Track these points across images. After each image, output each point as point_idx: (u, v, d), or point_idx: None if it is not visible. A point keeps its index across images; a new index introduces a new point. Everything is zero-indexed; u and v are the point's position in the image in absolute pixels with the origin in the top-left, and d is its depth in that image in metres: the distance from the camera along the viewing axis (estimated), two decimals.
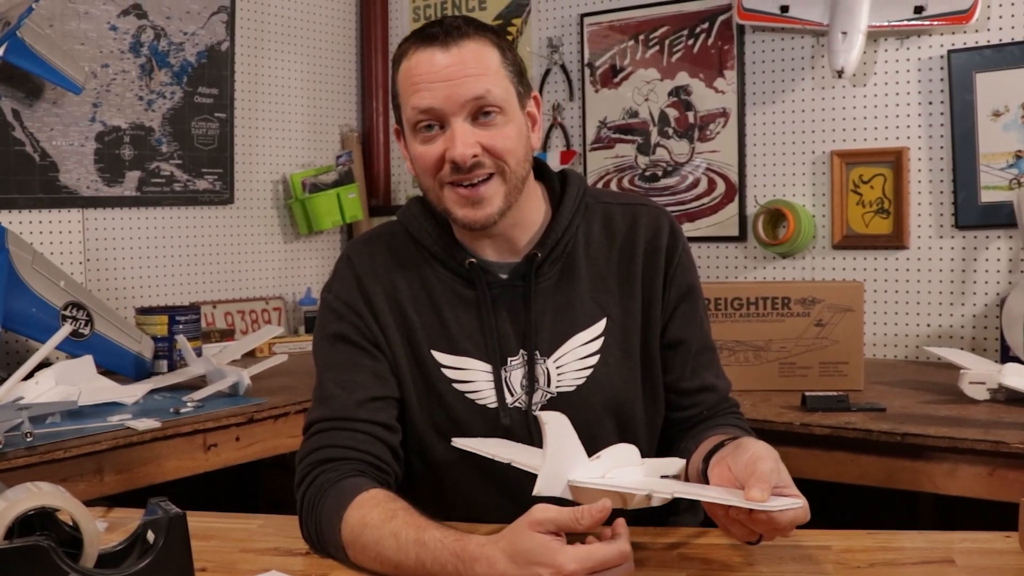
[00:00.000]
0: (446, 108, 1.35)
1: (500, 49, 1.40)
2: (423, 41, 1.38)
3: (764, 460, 1.16)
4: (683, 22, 3.20)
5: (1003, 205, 2.69)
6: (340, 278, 1.50)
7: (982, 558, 1.23)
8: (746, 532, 1.17)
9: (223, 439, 2.27)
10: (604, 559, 1.08)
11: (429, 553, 1.16)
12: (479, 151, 1.36)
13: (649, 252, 1.50)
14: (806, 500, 1.14)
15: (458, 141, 1.35)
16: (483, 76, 1.36)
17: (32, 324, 2.43)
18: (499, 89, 1.37)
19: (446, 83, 1.35)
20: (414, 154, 1.41)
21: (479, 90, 1.35)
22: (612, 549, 1.09)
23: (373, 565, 1.22)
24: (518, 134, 1.41)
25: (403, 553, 1.18)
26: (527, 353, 1.45)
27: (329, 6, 3.74)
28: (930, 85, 2.82)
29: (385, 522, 1.21)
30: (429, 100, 1.35)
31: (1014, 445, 1.88)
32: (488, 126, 1.37)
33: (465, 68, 1.35)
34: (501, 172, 1.39)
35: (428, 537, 1.17)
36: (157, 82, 3.08)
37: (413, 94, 1.37)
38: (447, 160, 1.36)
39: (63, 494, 1.06)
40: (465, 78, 1.35)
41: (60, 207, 2.86)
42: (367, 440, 1.38)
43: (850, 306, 2.38)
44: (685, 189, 3.24)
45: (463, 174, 1.37)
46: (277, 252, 3.56)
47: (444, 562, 1.14)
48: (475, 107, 1.36)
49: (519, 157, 1.41)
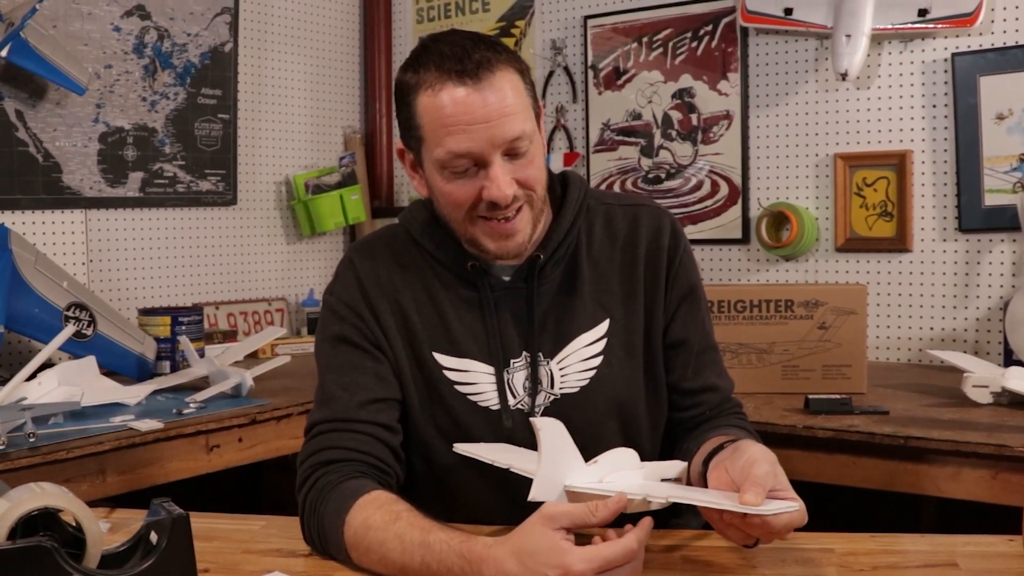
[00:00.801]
0: (485, 151, 1.33)
1: (521, 74, 1.38)
2: (449, 77, 1.32)
3: (760, 463, 1.16)
4: (687, 24, 3.20)
5: (1007, 208, 2.69)
6: (342, 280, 1.50)
7: (985, 562, 1.23)
8: (742, 536, 1.17)
9: (226, 440, 2.27)
10: (611, 558, 1.07)
11: (434, 555, 1.15)
12: (517, 189, 1.36)
13: (651, 252, 1.50)
14: (803, 503, 1.15)
15: (500, 183, 1.33)
16: (517, 115, 1.33)
17: (35, 325, 2.43)
18: (529, 124, 1.36)
19: (484, 125, 1.31)
20: (440, 189, 1.39)
21: (516, 131, 1.33)
22: (618, 547, 1.08)
23: (377, 567, 1.22)
24: (540, 157, 1.40)
25: (408, 556, 1.18)
26: (530, 355, 1.45)
27: (332, 7, 3.74)
28: (934, 88, 2.82)
29: (389, 524, 1.21)
30: (468, 145, 1.32)
31: (1017, 449, 1.88)
32: (518, 158, 1.36)
33: (502, 109, 1.32)
34: (530, 201, 1.39)
35: (433, 539, 1.17)
36: (160, 83, 3.08)
37: (447, 136, 1.32)
38: (484, 199, 1.35)
39: (66, 495, 1.06)
40: (502, 119, 1.32)
41: (63, 208, 2.86)
42: (368, 441, 1.38)
43: (853, 309, 2.38)
44: (688, 191, 3.24)
45: (500, 210, 1.36)
46: (280, 253, 3.56)
47: (450, 564, 1.14)
48: (511, 147, 1.34)
49: (543, 181, 1.41)
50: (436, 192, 1.41)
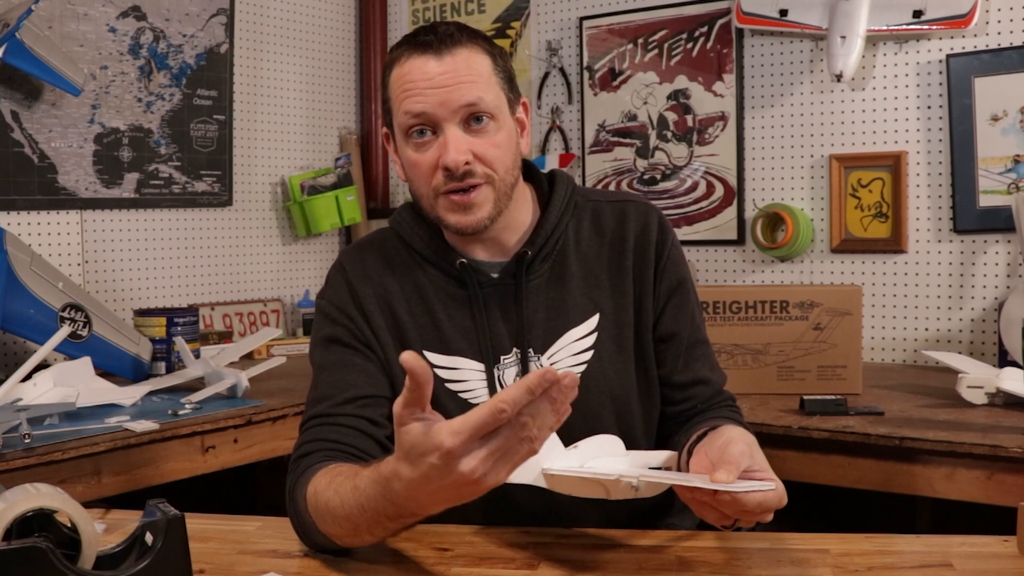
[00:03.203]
0: (439, 114, 1.37)
1: (492, 56, 1.42)
2: (416, 48, 1.39)
3: (736, 443, 1.18)
4: (682, 25, 3.20)
5: (1001, 209, 2.70)
6: (332, 284, 1.52)
7: (980, 562, 1.23)
8: (718, 515, 1.18)
9: (221, 441, 2.27)
10: (479, 422, 0.97)
11: (362, 493, 1.14)
12: (471, 158, 1.38)
13: (639, 247, 1.51)
14: (781, 483, 1.15)
15: (451, 147, 1.36)
16: (476, 83, 1.38)
17: (30, 325, 2.43)
18: (491, 96, 1.39)
19: (439, 89, 1.36)
20: (407, 160, 1.43)
21: (472, 97, 1.37)
22: (484, 408, 0.97)
23: (334, 529, 1.21)
24: (508, 141, 1.43)
25: (347, 506, 1.17)
26: (520, 351, 1.46)
27: (328, 9, 3.74)
28: (929, 89, 2.83)
29: (329, 484, 1.21)
30: (422, 105, 1.37)
31: (1012, 449, 1.88)
32: (480, 133, 1.39)
33: (458, 75, 1.37)
34: (490, 181, 1.41)
35: (359, 480, 1.16)
36: (156, 84, 3.08)
37: (406, 99, 1.38)
38: (440, 166, 1.38)
39: (61, 495, 1.06)
40: (458, 84, 1.36)
41: (59, 209, 2.86)
42: (351, 433, 1.38)
43: (848, 310, 2.39)
44: (684, 192, 3.24)
45: (455, 181, 1.38)
46: (275, 254, 3.56)
47: (373, 495, 1.12)
48: (467, 113, 1.38)
49: (508, 164, 1.42)
50: (406, 167, 1.44)
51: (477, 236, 1.46)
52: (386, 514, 1.13)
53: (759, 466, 1.17)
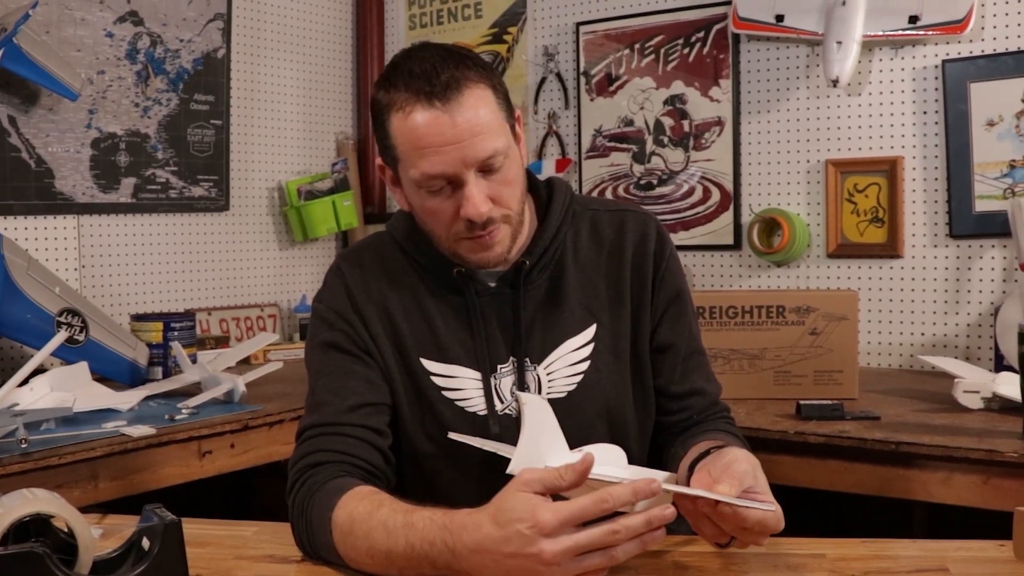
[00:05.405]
0: (458, 171, 1.34)
1: (492, 87, 1.37)
2: (418, 99, 1.33)
3: (740, 462, 1.18)
4: (678, 31, 3.21)
5: (997, 215, 2.70)
6: (330, 288, 1.51)
7: (976, 567, 1.23)
8: (716, 531, 1.18)
9: (218, 446, 2.27)
10: (581, 511, 1.04)
11: (417, 533, 1.14)
12: (491, 205, 1.37)
13: (637, 257, 1.51)
14: (780, 509, 1.15)
15: (475, 201, 1.34)
16: (489, 133, 1.34)
17: (27, 330, 2.42)
18: (503, 140, 1.36)
19: (454, 146, 1.32)
20: (420, 206, 1.41)
21: (489, 150, 1.34)
22: (589, 500, 1.05)
23: (365, 560, 1.21)
24: (518, 170, 1.41)
25: (392, 539, 1.16)
26: (517, 360, 1.46)
27: (325, 14, 3.74)
28: (924, 95, 2.83)
29: (372, 513, 1.21)
30: (441, 167, 1.33)
31: (1008, 454, 1.88)
32: (493, 174, 1.37)
33: (471, 128, 1.32)
34: (506, 219, 1.40)
35: (416, 518, 1.16)
36: (153, 89, 3.08)
37: (421, 158, 1.34)
38: (462, 217, 1.36)
39: (58, 500, 1.06)
40: (473, 139, 1.33)
41: (56, 213, 2.86)
42: (358, 444, 1.38)
43: (844, 315, 2.39)
44: (680, 197, 3.24)
45: (478, 230, 1.38)
46: (272, 259, 3.56)
47: (432, 538, 1.13)
48: (485, 165, 1.35)
49: (519, 196, 1.42)
50: (417, 209, 1.43)
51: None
52: (432, 562, 1.13)
53: (761, 488, 1.18)
